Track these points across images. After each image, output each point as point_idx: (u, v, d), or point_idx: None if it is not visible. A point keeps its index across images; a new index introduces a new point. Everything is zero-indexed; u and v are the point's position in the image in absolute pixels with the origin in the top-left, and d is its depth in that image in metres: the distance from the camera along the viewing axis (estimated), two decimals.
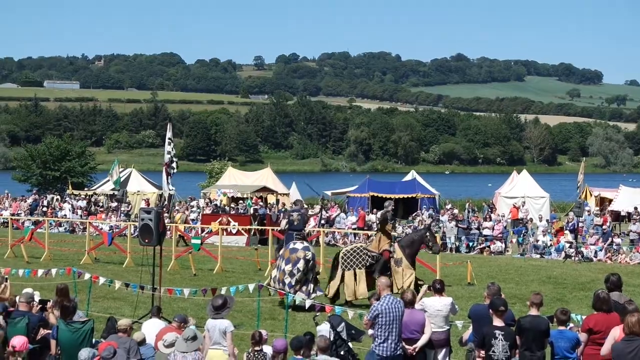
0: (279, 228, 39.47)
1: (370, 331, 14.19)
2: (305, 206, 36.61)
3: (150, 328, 15.59)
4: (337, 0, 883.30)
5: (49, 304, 16.48)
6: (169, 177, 38.06)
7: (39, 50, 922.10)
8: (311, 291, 23.68)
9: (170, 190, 42.91)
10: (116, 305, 23.80)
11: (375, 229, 26.43)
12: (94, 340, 14.88)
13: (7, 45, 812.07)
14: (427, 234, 26.15)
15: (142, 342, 14.65)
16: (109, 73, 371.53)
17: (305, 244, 24.36)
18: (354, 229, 45.79)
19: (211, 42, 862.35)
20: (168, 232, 36.29)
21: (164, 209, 41.88)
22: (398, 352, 13.96)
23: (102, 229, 42.82)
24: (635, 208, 47.47)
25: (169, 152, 39.15)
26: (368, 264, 24.45)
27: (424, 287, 15.55)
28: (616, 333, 12.11)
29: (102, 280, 22.18)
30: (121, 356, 13.44)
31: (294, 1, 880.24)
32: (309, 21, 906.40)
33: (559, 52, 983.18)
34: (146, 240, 20.81)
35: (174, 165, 38.98)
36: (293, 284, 23.49)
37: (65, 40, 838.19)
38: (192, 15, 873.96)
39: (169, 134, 37.51)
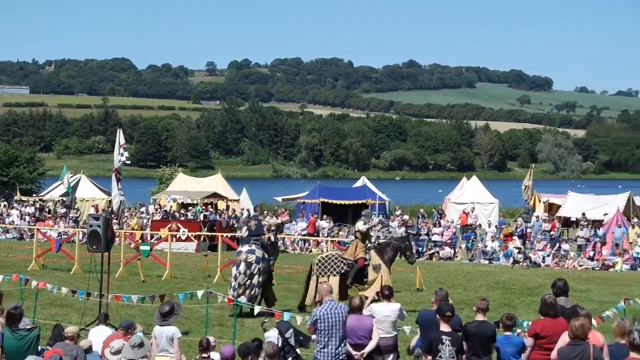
0: (230, 234, 39.53)
1: (313, 336, 14.28)
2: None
3: (98, 335, 15.50)
4: (289, 7, 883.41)
5: None
6: (119, 182, 37.80)
7: None
8: (255, 295, 23.73)
9: (120, 196, 42.65)
10: (63, 313, 23.57)
11: (353, 237, 26.19)
12: (40, 347, 14.75)
13: None
14: (406, 242, 26.15)
15: (89, 349, 14.54)
16: (60, 78, 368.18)
17: (253, 247, 24.36)
18: (304, 235, 45.85)
19: (163, 48, 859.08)
20: (117, 239, 36.10)
21: (113, 216, 41.63)
22: (340, 358, 14.00)
23: (50, 235, 42.48)
24: (583, 214, 47.98)
25: (124, 158, 38.90)
26: (343, 271, 24.34)
27: (373, 294, 15.59)
28: (566, 338, 12.20)
29: (49, 287, 22.00)
30: None
31: (246, 7, 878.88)
32: (261, 27, 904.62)
33: (510, 58, 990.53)
34: (94, 247, 20.69)
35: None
36: (236, 287, 23.58)
37: (16, 45, 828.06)
38: (144, 20, 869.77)
39: (119, 140, 37.28)
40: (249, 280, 23.69)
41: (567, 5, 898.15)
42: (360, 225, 24.98)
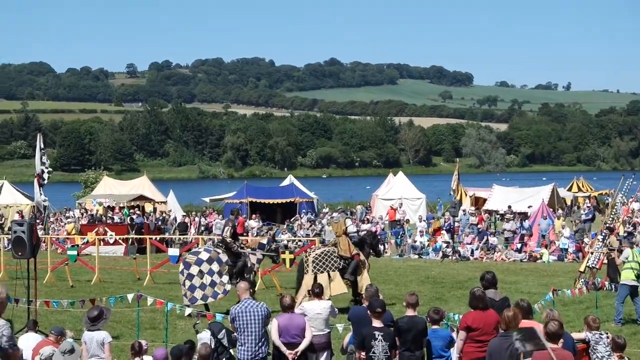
0: (159, 237, 39.18)
1: (233, 335, 14.32)
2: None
3: (27, 342, 15.27)
4: (209, 7, 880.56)
5: None
6: (41, 187, 37.26)
7: None
8: (208, 296, 23.60)
9: (43, 201, 42.04)
10: None
11: (335, 236, 26.09)
12: None
13: None
14: (376, 238, 27.87)
15: (19, 357, 14.30)
16: None
17: (209, 247, 25.03)
18: None
19: (82, 50, 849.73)
20: (43, 244, 35.61)
21: (38, 221, 41.05)
22: (258, 357, 14.04)
23: None
24: (509, 207, 48.57)
25: (43, 163, 38.31)
26: (340, 267, 24.43)
27: (304, 293, 15.56)
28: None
29: None
30: None
31: (165, 8, 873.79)
32: (181, 28, 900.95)
33: (431, 55, 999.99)
34: (19, 253, 20.38)
35: (45, 176, 38.10)
36: (185, 287, 23.54)
37: None
38: (61, 23, 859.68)
39: (39, 145, 36.74)
40: (188, 281, 23.59)
41: (485, 0, 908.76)
42: (349, 224, 25.81)
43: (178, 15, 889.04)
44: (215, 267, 23.77)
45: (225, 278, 23.79)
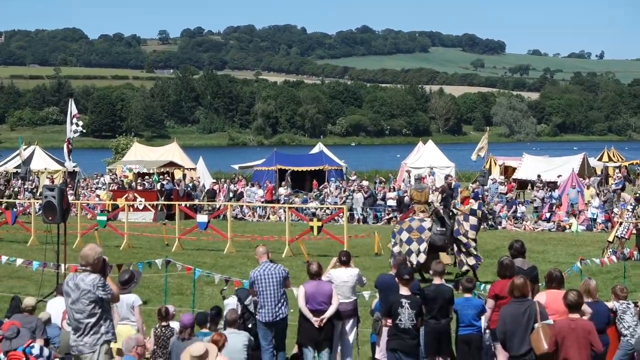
0: (188, 203, 39.26)
1: (254, 298, 14.40)
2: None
3: (56, 307, 15.36)
4: None
5: None
6: (70, 153, 37.48)
7: None
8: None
9: (73, 167, 42.36)
10: (20, 285, 23.44)
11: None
12: None
13: None
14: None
15: (48, 321, 14.46)
16: (10, 49, 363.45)
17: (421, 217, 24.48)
18: (262, 202, 45.81)
19: (114, 17, 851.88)
20: (73, 209, 35.85)
21: (68, 186, 41.34)
22: (279, 318, 14.33)
23: (6, 207, 42.08)
24: (539, 176, 48.32)
25: (76, 130, 38.35)
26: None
27: (333, 260, 15.57)
28: (539, 299, 12.31)
29: (4, 259, 21.82)
30: (25, 335, 13.20)
31: None
32: None
33: (463, 22, 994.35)
34: (50, 218, 20.54)
35: (74, 129, 37.98)
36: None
37: None
38: None
39: (70, 111, 36.83)
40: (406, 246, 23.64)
41: None
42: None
43: None
44: (414, 235, 23.72)
45: (424, 246, 23.57)
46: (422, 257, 23.36)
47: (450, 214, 24.24)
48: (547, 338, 11.40)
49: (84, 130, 36.37)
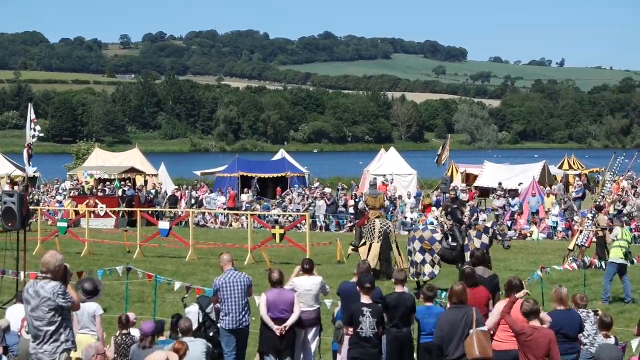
0: (150, 210, 39.08)
1: (216, 305, 14.40)
2: None
3: (15, 314, 15.23)
4: None
5: None
6: (30, 158, 37.19)
7: None
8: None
9: (34, 172, 42.04)
10: None
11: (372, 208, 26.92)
12: None
13: None
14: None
15: (7, 329, 14.33)
16: None
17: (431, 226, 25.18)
18: (225, 209, 45.74)
19: (75, 21, 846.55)
20: (34, 217, 35.65)
21: (28, 192, 41.00)
22: (243, 325, 14.49)
23: None
24: (500, 184, 48.61)
25: (34, 135, 38.04)
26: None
27: (297, 268, 15.58)
28: (500, 307, 12.43)
29: None
30: None
31: None
32: None
33: (425, 29, 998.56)
34: (9, 224, 20.37)
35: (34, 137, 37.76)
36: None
37: None
38: None
39: (30, 115, 36.62)
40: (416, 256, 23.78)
41: None
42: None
43: None
44: (426, 245, 23.82)
45: (437, 258, 23.66)
46: (437, 269, 23.62)
47: (462, 227, 24.13)
48: (479, 344, 11.79)
49: (42, 135, 35.95)
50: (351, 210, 43.77)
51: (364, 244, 26.33)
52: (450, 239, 23.77)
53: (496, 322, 12.49)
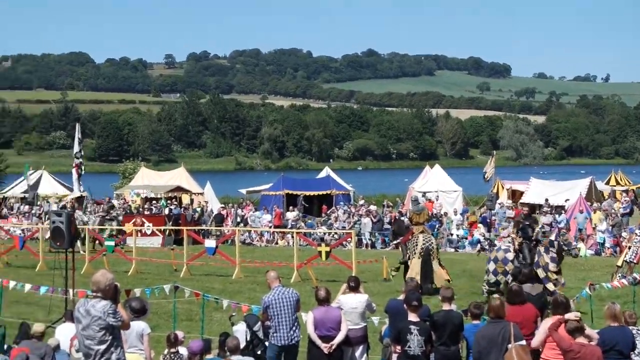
0: (196, 228, 39.21)
1: (266, 323, 14.39)
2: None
3: (65, 333, 15.34)
4: None
5: None
6: (80, 178, 37.59)
7: None
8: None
9: (81, 191, 42.37)
10: (29, 310, 23.38)
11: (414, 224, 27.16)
12: (6, 346, 14.61)
13: None
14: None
15: (57, 347, 14.42)
16: (17, 73, 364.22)
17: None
18: (270, 227, 45.78)
19: (121, 41, 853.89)
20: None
21: (76, 211, 41.33)
22: (293, 341, 14.42)
23: (14, 232, 42.15)
24: (546, 200, 48.24)
25: (77, 154, 38.44)
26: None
27: (343, 286, 15.57)
28: (546, 325, 12.33)
29: (12, 284, 21.82)
30: None
31: None
32: (219, 18, 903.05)
33: (468, 46, 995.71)
34: (58, 244, 20.51)
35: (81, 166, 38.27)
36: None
37: None
38: (101, 13, 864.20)
39: (77, 136, 37.03)
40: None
41: None
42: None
43: (216, 6, 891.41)
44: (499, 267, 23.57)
45: (510, 279, 22.96)
46: None
47: (532, 244, 23.77)
48: (519, 358, 11.81)
49: (79, 155, 36.38)
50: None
51: (408, 259, 26.56)
52: (520, 257, 23.47)
53: (543, 340, 12.38)
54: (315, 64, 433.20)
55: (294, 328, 14.41)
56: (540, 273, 22.36)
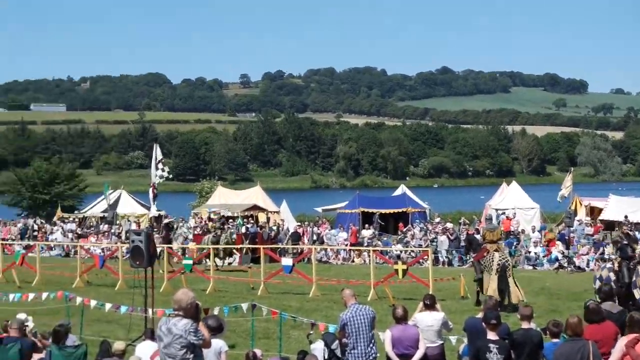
0: (272, 246, 39.43)
1: (344, 340, 14.36)
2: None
3: (145, 351, 15.49)
4: (322, 17, 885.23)
5: (28, 329, 16.25)
6: (155, 197, 37.88)
7: (25, 74, 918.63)
8: None
9: (157, 210, 42.66)
10: (110, 329, 23.67)
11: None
12: None
13: None
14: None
15: None
16: (95, 95, 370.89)
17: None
18: (347, 245, 45.78)
19: (197, 61, 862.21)
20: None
21: (154, 230, 41.79)
22: (371, 357, 14.30)
23: (93, 251, 42.75)
24: (626, 217, 47.55)
25: (162, 176, 38.68)
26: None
27: (420, 304, 15.54)
28: (623, 342, 12.22)
29: (93, 303, 22.12)
30: None
31: (279, 18, 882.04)
32: (294, 38, 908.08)
33: (544, 62, 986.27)
34: (137, 263, 20.73)
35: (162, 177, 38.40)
36: None
37: (51, 63, 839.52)
38: (177, 34, 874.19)
39: (155, 155, 37.28)
40: None
41: (600, 6, 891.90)
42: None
43: (291, 26, 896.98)
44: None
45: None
46: None
47: (631, 264, 23.29)
48: None
49: (170, 176, 36.66)
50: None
51: (481, 278, 26.70)
52: (620, 277, 23.02)
53: (619, 358, 12.23)
54: (390, 81, 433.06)
55: (371, 345, 14.30)
56: (637, 293, 21.94)
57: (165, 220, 47.42)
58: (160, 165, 37.86)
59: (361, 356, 14.19)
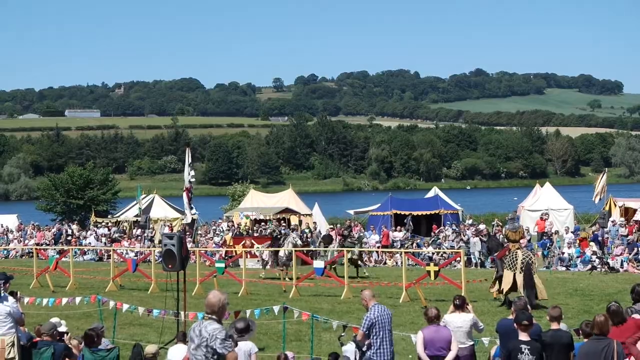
0: (305, 249, 39.38)
1: (368, 341, 14.33)
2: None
3: (177, 353, 15.53)
4: (355, 20, 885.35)
5: (67, 336, 16.36)
6: (190, 201, 37.97)
7: (60, 80, 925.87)
8: None
9: (192, 214, 42.74)
10: (142, 332, 23.76)
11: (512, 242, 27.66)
12: None
13: (28, 76, 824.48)
14: None
15: None
16: (129, 100, 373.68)
17: None
18: (379, 247, 45.71)
19: (230, 66, 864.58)
20: (192, 257, 36.42)
21: (187, 234, 41.92)
22: (392, 356, 14.36)
23: (126, 255, 42.92)
24: None
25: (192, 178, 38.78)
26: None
27: (452, 306, 15.50)
28: None
29: (125, 306, 22.21)
30: None
31: (312, 22, 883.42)
32: (327, 41, 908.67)
33: (579, 63, 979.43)
34: (169, 266, 20.78)
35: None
36: None
37: (85, 69, 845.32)
38: (210, 39, 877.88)
39: (188, 159, 37.41)
40: None
41: (636, 7, 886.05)
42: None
43: (323, 29, 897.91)
44: None
45: None
46: None
47: None
48: None
49: (193, 180, 36.67)
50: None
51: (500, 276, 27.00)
52: None
53: None
54: (423, 84, 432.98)
55: (393, 344, 14.39)
56: None
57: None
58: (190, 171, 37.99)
59: (385, 355, 14.17)
